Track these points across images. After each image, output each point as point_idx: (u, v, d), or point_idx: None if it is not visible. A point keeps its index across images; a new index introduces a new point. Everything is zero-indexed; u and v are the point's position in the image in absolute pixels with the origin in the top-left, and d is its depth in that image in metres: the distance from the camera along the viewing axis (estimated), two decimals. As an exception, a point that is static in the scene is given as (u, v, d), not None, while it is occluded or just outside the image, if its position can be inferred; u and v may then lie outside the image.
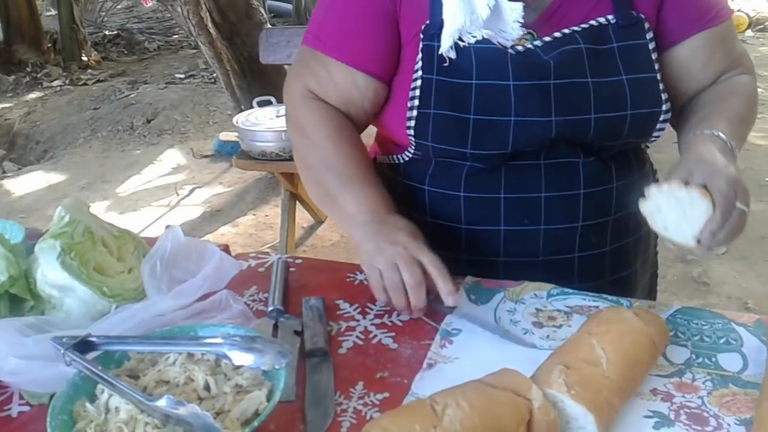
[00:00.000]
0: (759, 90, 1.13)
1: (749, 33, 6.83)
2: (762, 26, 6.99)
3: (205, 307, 0.93)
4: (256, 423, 0.68)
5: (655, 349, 0.82)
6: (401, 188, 1.12)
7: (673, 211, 0.86)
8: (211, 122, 5.12)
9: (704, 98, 1.07)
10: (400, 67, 1.06)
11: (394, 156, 1.15)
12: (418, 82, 1.02)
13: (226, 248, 1.16)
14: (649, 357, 0.80)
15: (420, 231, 0.99)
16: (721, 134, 0.95)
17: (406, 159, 1.12)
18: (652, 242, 1.20)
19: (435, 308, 0.93)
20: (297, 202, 3.27)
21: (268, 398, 0.73)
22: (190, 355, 0.78)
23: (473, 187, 1.06)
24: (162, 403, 0.68)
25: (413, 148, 1.08)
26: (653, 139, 1.08)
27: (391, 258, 0.92)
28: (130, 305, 0.91)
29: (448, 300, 0.91)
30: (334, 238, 3.40)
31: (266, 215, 3.66)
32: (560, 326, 0.93)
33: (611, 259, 1.10)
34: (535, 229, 1.06)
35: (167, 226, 1.03)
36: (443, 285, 0.91)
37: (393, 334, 0.93)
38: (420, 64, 1.02)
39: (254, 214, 3.68)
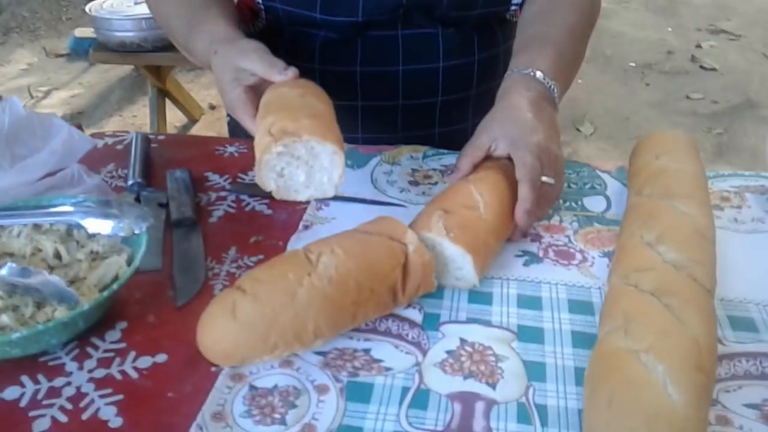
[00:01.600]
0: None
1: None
2: None
3: (54, 183, 0.84)
4: (115, 286, 0.63)
5: None
6: None
7: (298, 170, 0.74)
8: (64, 18, 4.65)
9: (534, 9, 0.98)
10: None
11: (250, 24, 1.07)
12: None
13: (79, 126, 1.06)
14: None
15: (241, 42, 0.86)
16: (538, 74, 0.84)
17: (260, 27, 1.05)
18: None
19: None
20: (167, 100, 3.08)
21: (129, 264, 0.68)
22: (36, 227, 0.70)
23: (328, 59, 1.01)
24: (4, 272, 0.61)
25: (264, 13, 1.02)
26: (513, 7, 1.04)
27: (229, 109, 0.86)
28: (-35, 184, 0.81)
29: (282, 74, 0.80)
30: (211, 137, 3.26)
31: (134, 116, 3.43)
32: (436, 183, 0.92)
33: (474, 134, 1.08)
34: (393, 105, 1.03)
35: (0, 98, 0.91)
36: (266, 70, 0.80)
37: (267, 201, 0.90)
38: None
39: (121, 116, 3.44)
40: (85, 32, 3.88)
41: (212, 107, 3.46)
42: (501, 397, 0.59)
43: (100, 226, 0.70)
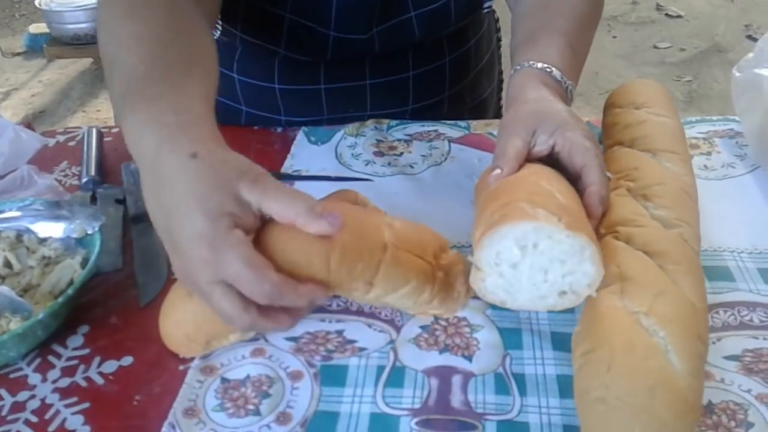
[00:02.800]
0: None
1: None
2: None
3: (3, 186, 0.81)
4: (70, 291, 0.60)
5: None
6: None
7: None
8: (17, 15, 4.50)
9: None
10: None
11: None
12: None
13: (28, 125, 1.02)
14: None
15: (247, 163, 0.54)
16: (555, 72, 0.71)
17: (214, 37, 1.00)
18: (494, 97, 1.16)
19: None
20: (129, 91, 3.01)
21: (85, 266, 0.65)
22: (-16, 235, 0.67)
23: (289, 78, 0.96)
24: (-49, 286, 0.58)
25: (219, 31, 0.96)
26: (486, 8, 0.99)
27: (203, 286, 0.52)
28: None
29: (331, 226, 0.52)
30: (178, 125, 3.19)
31: (98, 110, 3.34)
32: (401, 154, 0.90)
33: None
34: (361, 116, 0.99)
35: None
36: (300, 214, 0.51)
37: (228, 187, 0.87)
38: None
39: (84, 111, 3.36)
40: (40, 28, 3.77)
41: (177, 95, 3.39)
42: (478, 369, 0.57)
43: (50, 229, 0.67)
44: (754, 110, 0.83)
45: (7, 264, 0.64)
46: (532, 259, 0.53)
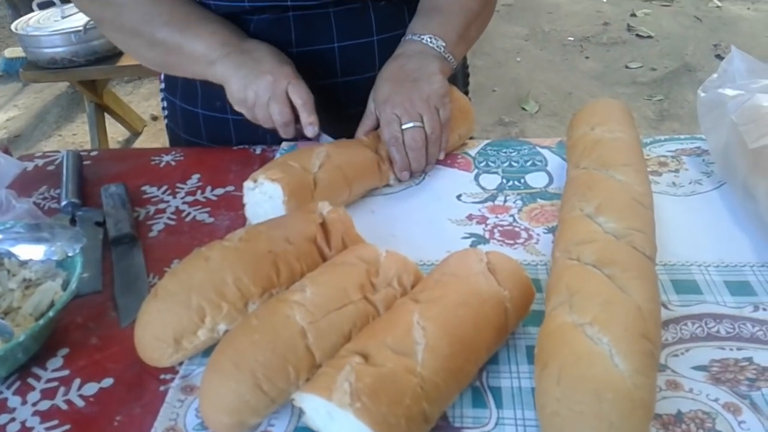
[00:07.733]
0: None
1: None
2: None
3: (-19, 211, 0.81)
4: (51, 313, 0.60)
5: (507, 317, 0.60)
6: None
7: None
8: (-9, 39, 4.50)
9: None
10: None
11: None
12: None
13: (6, 150, 1.02)
14: (494, 330, 0.58)
15: (282, 53, 0.94)
16: (425, 38, 0.93)
17: None
18: (460, 81, 1.20)
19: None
20: (106, 114, 3.00)
21: (66, 288, 0.66)
22: (-37, 260, 0.67)
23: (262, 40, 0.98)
24: (-71, 310, 0.58)
25: None
26: None
27: (261, 92, 0.88)
28: None
29: (307, 130, 0.89)
30: (156, 148, 3.18)
31: (74, 134, 3.33)
32: (378, 175, 0.92)
33: None
34: (332, 83, 1.02)
35: None
36: (304, 116, 0.89)
37: (208, 209, 0.88)
38: None
39: (60, 135, 3.34)
40: (16, 52, 3.74)
41: (154, 118, 3.39)
42: (455, 383, 0.58)
43: (31, 251, 0.67)
44: (718, 129, 0.86)
45: (-13, 288, 0.64)
46: (341, 421, 0.52)
